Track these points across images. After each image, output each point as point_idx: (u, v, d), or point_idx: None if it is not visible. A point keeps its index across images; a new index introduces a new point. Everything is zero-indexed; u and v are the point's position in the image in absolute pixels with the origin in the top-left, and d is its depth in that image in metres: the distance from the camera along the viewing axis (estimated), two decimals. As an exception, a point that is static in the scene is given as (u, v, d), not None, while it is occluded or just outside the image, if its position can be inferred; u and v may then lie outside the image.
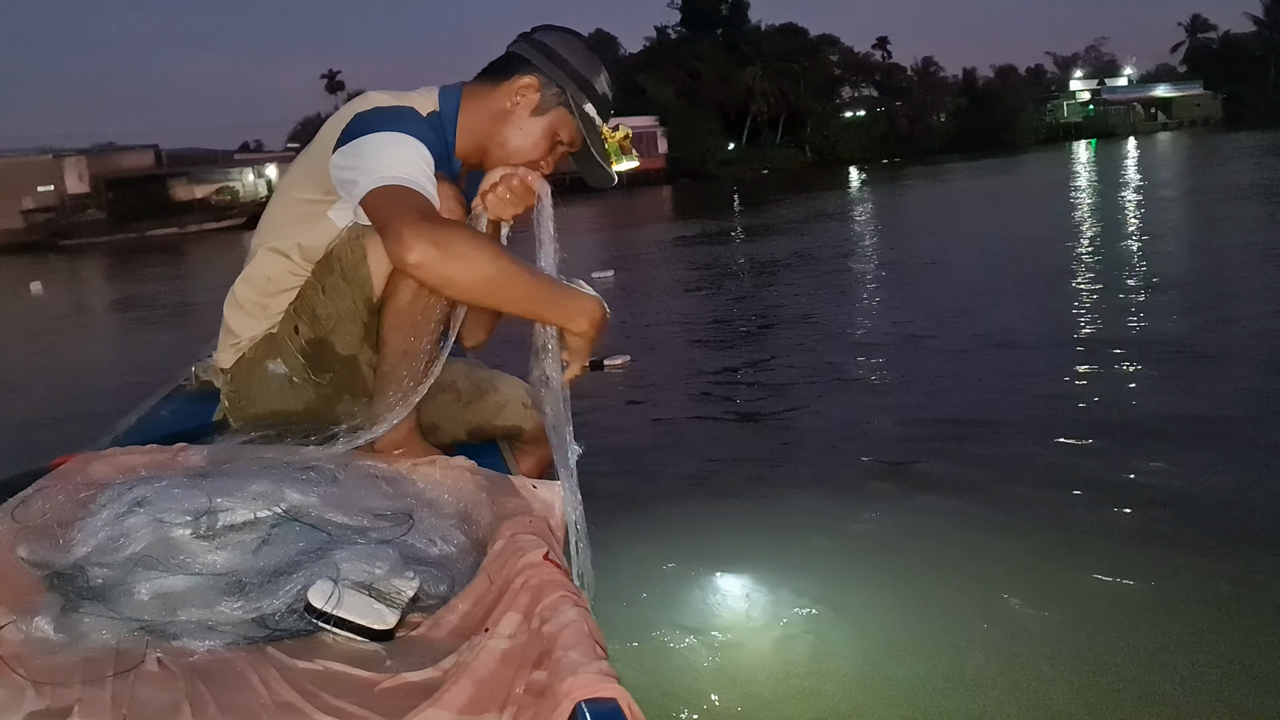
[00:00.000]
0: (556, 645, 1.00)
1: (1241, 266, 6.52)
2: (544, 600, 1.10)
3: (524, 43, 1.75)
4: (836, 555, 2.95)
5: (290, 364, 1.77)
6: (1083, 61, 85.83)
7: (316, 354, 1.74)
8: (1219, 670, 2.23)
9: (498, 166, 1.72)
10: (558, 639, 1.01)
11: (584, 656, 0.97)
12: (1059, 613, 2.50)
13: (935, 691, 2.23)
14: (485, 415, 2.00)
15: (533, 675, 1.00)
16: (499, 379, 2.02)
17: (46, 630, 1.09)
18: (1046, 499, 3.28)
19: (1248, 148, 30.48)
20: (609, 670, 0.95)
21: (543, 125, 1.72)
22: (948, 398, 4.80)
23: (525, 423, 2.00)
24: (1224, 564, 2.69)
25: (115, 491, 1.33)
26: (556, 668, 0.96)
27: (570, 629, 1.03)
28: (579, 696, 0.90)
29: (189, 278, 19.30)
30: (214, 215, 45.18)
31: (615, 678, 0.93)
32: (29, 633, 1.09)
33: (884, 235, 12.58)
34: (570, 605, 1.08)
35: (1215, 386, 4.37)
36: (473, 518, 1.39)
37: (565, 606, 1.08)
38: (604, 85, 1.74)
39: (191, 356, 2.32)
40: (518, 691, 1.00)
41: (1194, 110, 72.56)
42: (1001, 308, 6.30)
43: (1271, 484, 3.21)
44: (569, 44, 1.74)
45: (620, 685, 0.92)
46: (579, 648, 0.99)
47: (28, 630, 1.09)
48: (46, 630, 1.09)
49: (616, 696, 0.91)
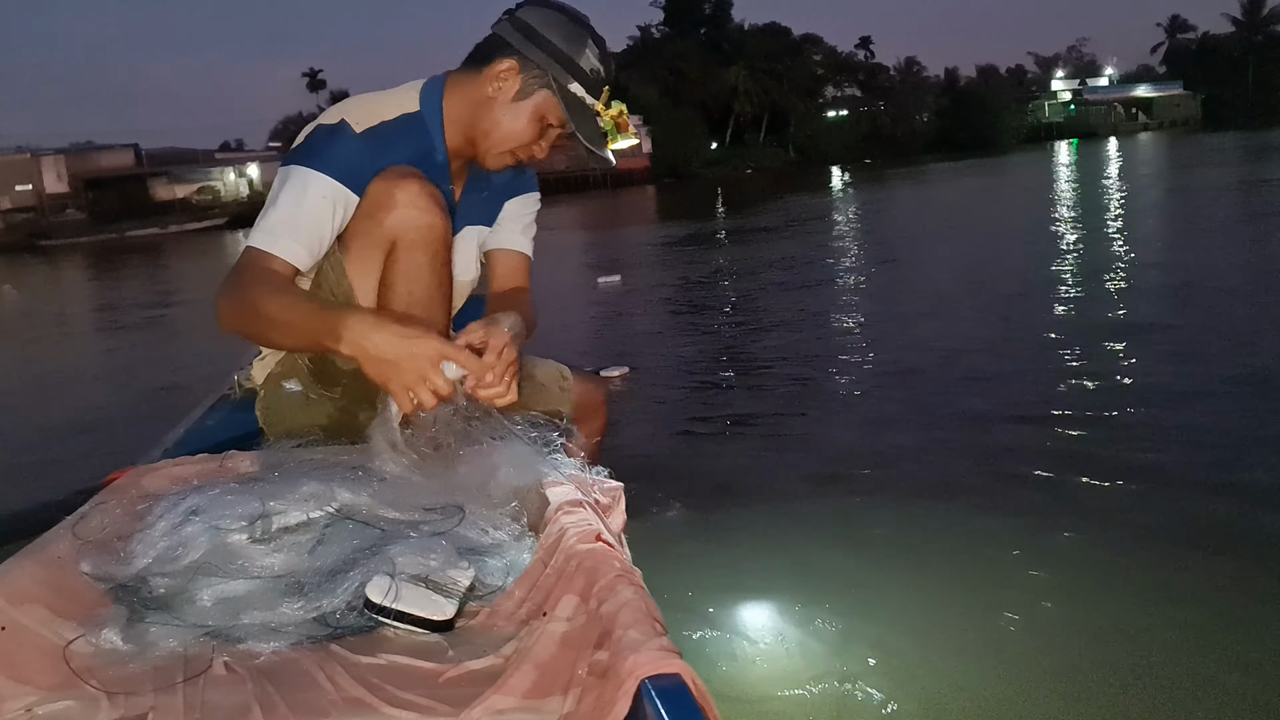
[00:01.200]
0: (616, 625, 1.00)
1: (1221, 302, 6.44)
2: (600, 581, 1.10)
3: (505, 22, 1.68)
4: (839, 563, 2.96)
5: (302, 380, 1.79)
6: (1064, 62, 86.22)
7: (321, 369, 1.75)
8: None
9: (490, 158, 1.70)
10: (616, 619, 1.01)
11: (644, 634, 0.97)
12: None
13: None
14: (524, 401, 1.89)
15: (594, 656, 1.01)
16: (535, 363, 1.98)
17: (115, 641, 1.11)
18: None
19: (1227, 148, 30.71)
20: (670, 646, 0.95)
21: (528, 110, 1.65)
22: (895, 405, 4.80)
23: (564, 405, 1.95)
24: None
25: (170, 502, 1.35)
26: (617, 647, 0.96)
27: (628, 608, 1.03)
28: (643, 674, 0.90)
29: (170, 280, 19.11)
30: (195, 215, 44.98)
31: (678, 653, 0.93)
32: (98, 645, 1.11)
33: (867, 246, 12.55)
34: (626, 584, 1.08)
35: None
36: (523, 503, 1.39)
37: (621, 586, 1.08)
38: (592, 60, 1.64)
39: (235, 365, 2.32)
40: (580, 673, 1.00)
41: (1174, 110, 73.10)
42: (1007, 343, 6.10)
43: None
44: (550, 19, 1.64)
45: (683, 660, 0.92)
46: (638, 626, 0.99)
47: (97, 643, 1.11)
48: (115, 641, 1.11)
49: (680, 671, 0.91)
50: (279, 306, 1.48)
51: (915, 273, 9.74)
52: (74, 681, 1.05)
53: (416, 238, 1.62)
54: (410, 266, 1.64)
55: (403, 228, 1.61)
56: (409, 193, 1.60)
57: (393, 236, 1.61)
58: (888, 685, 2.22)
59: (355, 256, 1.65)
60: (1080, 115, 72.33)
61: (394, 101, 1.70)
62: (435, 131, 1.70)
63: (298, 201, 1.58)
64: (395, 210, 1.60)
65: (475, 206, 1.87)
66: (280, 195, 1.60)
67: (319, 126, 1.67)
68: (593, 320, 8.67)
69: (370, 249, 1.64)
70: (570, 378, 1.99)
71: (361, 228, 1.63)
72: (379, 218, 1.61)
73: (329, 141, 1.62)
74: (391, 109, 1.68)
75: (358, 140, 1.62)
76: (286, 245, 1.58)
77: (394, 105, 1.69)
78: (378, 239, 1.62)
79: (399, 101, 1.70)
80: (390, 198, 1.60)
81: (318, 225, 1.59)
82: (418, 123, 1.69)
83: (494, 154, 1.69)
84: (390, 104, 1.69)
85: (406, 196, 1.60)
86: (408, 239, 1.62)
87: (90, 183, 46.42)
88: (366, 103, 1.69)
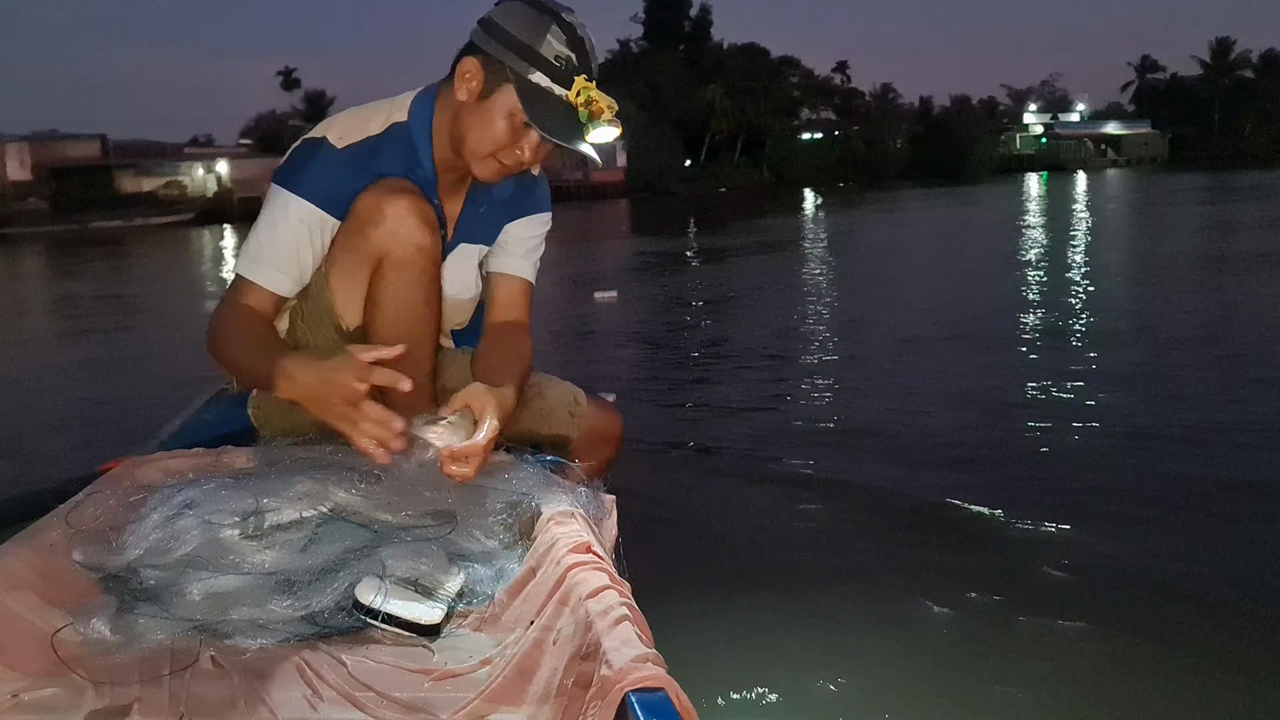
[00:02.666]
0: (603, 636, 1.00)
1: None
2: (589, 592, 1.10)
3: (476, 25, 1.60)
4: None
5: None
6: (1036, 95, 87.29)
7: None
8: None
9: (475, 166, 1.62)
10: (604, 630, 1.02)
11: (630, 647, 0.97)
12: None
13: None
14: (528, 423, 1.83)
15: (580, 666, 1.01)
16: (546, 384, 1.89)
17: (103, 631, 1.11)
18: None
19: (1193, 188, 31.21)
20: (657, 660, 0.95)
21: (493, 110, 1.54)
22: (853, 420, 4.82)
23: (572, 431, 1.88)
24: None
25: (164, 495, 1.35)
26: (604, 658, 0.97)
27: (616, 620, 1.03)
28: (627, 686, 0.91)
29: (134, 275, 18.76)
30: (161, 209, 44.28)
31: (664, 667, 0.94)
32: (86, 634, 1.11)
33: (839, 279, 12.49)
34: (615, 597, 1.09)
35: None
36: (516, 512, 1.40)
37: (610, 598, 1.08)
38: (557, 45, 1.51)
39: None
40: (566, 683, 1.01)
41: (1142, 149, 74.28)
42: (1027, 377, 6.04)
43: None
44: (513, 10, 1.54)
45: (668, 674, 0.93)
46: (625, 638, 0.99)
47: (85, 632, 1.12)
48: (103, 631, 1.11)
49: (664, 686, 0.91)
50: (234, 353, 1.55)
51: (887, 310, 9.54)
52: (61, 669, 1.05)
53: (403, 256, 1.59)
54: (397, 284, 1.61)
55: (389, 245, 1.58)
56: (398, 209, 1.57)
57: (379, 253, 1.59)
58: (875, 706, 2.23)
59: (341, 270, 1.64)
60: (1051, 149, 73.34)
61: (385, 112, 1.65)
62: (422, 143, 1.65)
63: (277, 226, 1.59)
64: (382, 226, 1.57)
65: (474, 223, 1.80)
66: (263, 218, 1.62)
67: (303, 142, 1.65)
68: (591, 339, 8.36)
69: (357, 264, 1.62)
70: (584, 403, 1.91)
71: (349, 242, 1.61)
72: (366, 233, 1.58)
73: (308, 161, 1.61)
74: (380, 121, 1.64)
75: (338, 158, 1.60)
76: (268, 274, 1.59)
77: (384, 117, 1.65)
78: (364, 254, 1.60)
79: (390, 112, 1.65)
80: (378, 213, 1.57)
81: (297, 252, 1.60)
82: (404, 134, 1.64)
83: (477, 162, 1.61)
84: (380, 115, 1.65)
85: (395, 213, 1.57)
86: (394, 256, 1.59)
87: (55, 172, 45.50)
88: (355, 116, 1.67)
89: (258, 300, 1.61)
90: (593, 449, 1.91)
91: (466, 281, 1.84)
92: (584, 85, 1.51)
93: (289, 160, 1.64)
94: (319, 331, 1.68)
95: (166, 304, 12.85)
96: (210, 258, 22.36)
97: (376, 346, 1.41)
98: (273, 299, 1.61)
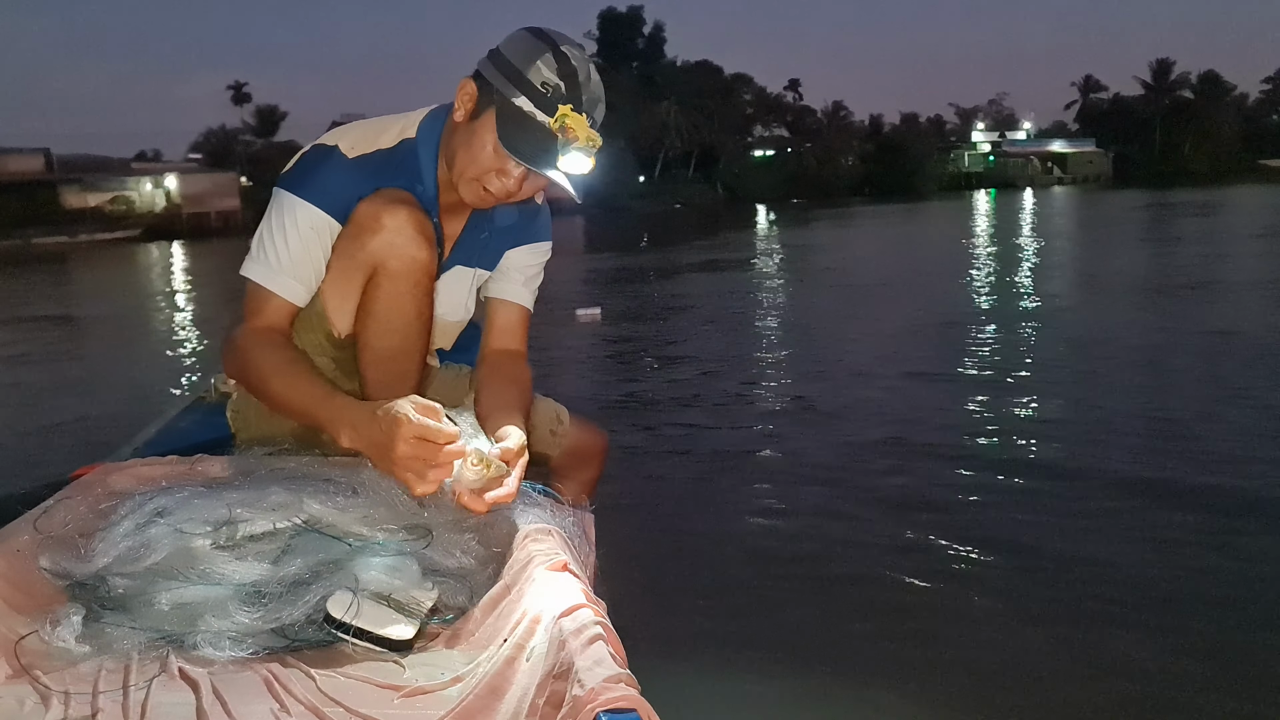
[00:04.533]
0: (576, 656, 1.00)
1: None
2: (563, 610, 1.09)
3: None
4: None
5: None
6: (984, 114, 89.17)
7: None
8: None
9: (461, 187, 1.59)
10: (577, 649, 1.01)
11: (604, 667, 0.97)
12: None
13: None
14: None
15: (553, 685, 1.00)
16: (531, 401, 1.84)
17: (68, 640, 1.10)
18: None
19: (1137, 206, 31.91)
20: (630, 680, 0.94)
21: (479, 131, 1.53)
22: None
23: (552, 450, 1.88)
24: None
25: (136, 502, 1.33)
26: (576, 678, 0.96)
27: (590, 639, 1.02)
28: (599, 707, 0.90)
29: (78, 294, 18.29)
30: (107, 225, 43.58)
31: (636, 688, 0.93)
32: (50, 642, 1.10)
33: (790, 301, 12.47)
34: (589, 615, 1.08)
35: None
36: (493, 529, 1.39)
37: (584, 616, 1.07)
38: (546, 73, 1.48)
39: (212, 369, 2.29)
40: (538, 702, 1.00)
41: (1087, 167, 76.19)
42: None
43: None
44: (515, 37, 1.54)
45: (640, 695, 0.92)
46: (599, 658, 0.99)
47: (49, 639, 1.10)
48: (68, 640, 1.10)
49: (636, 707, 0.91)
50: (279, 391, 1.49)
51: (828, 338, 9.36)
52: (23, 677, 1.04)
53: (399, 267, 1.58)
54: (390, 294, 1.60)
55: (385, 255, 1.57)
56: (396, 219, 1.56)
57: (375, 262, 1.58)
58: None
59: (335, 276, 1.62)
60: (999, 167, 75.04)
61: (398, 127, 1.65)
62: (427, 161, 1.64)
63: (289, 232, 1.57)
64: (380, 236, 1.56)
65: (473, 246, 1.79)
66: (271, 222, 1.59)
67: (314, 147, 1.64)
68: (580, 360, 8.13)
69: (352, 271, 1.61)
70: (566, 422, 1.91)
71: (345, 248, 1.60)
72: (363, 241, 1.57)
73: (318, 167, 1.60)
74: (392, 136, 1.64)
75: (348, 167, 1.59)
76: (285, 283, 1.58)
77: (397, 131, 1.64)
78: (360, 262, 1.59)
79: (403, 127, 1.65)
80: (376, 221, 1.56)
81: (311, 259, 1.59)
82: (411, 151, 1.64)
83: (463, 183, 1.58)
84: (393, 130, 1.64)
85: (394, 223, 1.56)
86: (389, 267, 1.58)
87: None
88: (369, 128, 1.66)
89: (278, 314, 1.59)
90: (576, 467, 1.90)
91: (457, 304, 1.82)
92: (566, 113, 1.48)
93: (297, 165, 1.63)
94: (309, 337, 1.66)
95: (112, 327, 12.56)
96: (159, 276, 21.96)
97: (431, 402, 1.33)
98: (291, 311, 1.60)
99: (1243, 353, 6.73)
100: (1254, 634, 2.62)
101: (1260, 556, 3.15)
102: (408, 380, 1.66)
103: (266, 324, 1.58)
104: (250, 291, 1.60)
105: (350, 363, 1.68)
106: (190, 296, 16.11)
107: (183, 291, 17.15)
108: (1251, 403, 5.21)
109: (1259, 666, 2.46)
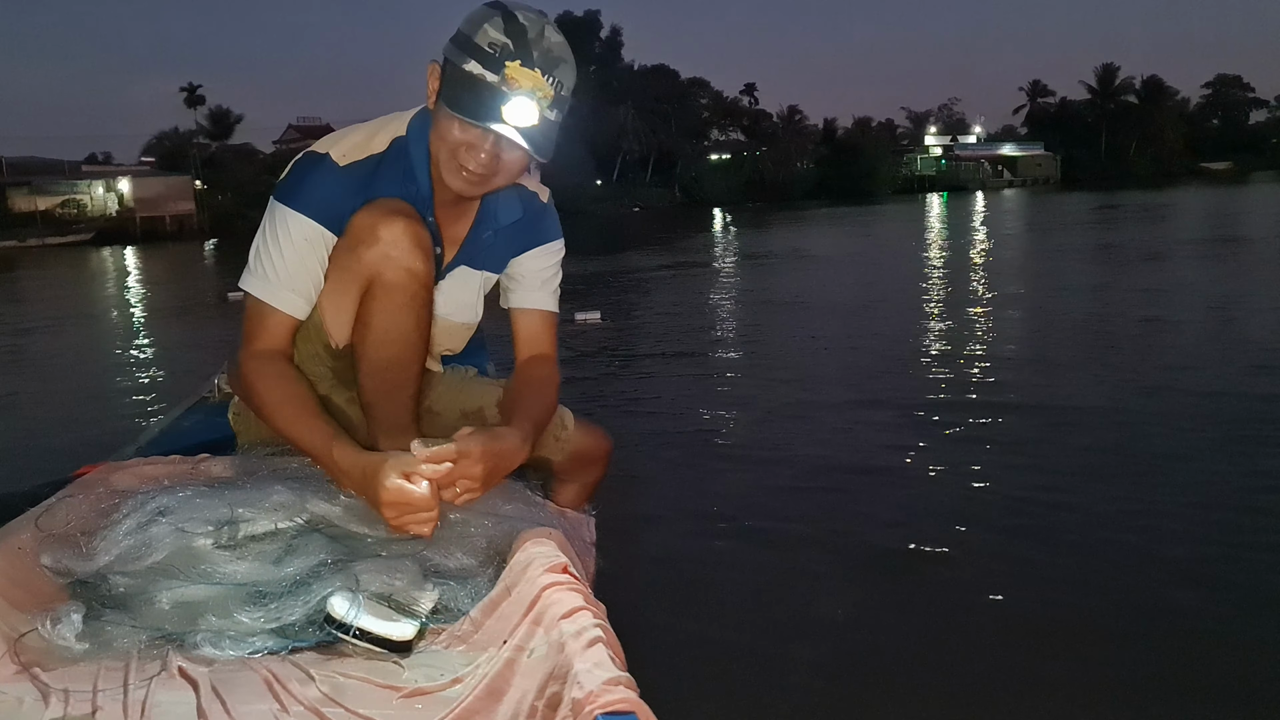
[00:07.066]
0: (575, 658, 1.00)
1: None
2: (563, 613, 1.09)
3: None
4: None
5: None
6: (935, 118, 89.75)
7: None
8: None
9: (446, 174, 1.55)
10: (577, 652, 1.01)
11: (603, 669, 0.97)
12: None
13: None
14: None
15: (552, 688, 1.00)
16: None
17: (68, 637, 1.09)
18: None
19: (1082, 208, 32.15)
20: (629, 683, 0.95)
21: (441, 108, 1.47)
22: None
23: (555, 455, 1.84)
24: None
25: (138, 501, 1.33)
26: (575, 680, 0.96)
27: (589, 642, 1.03)
28: (598, 709, 0.90)
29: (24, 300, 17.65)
30: (58, 229, 42.62)
31: (635, 691, 0.93)
32: (51, 639, 1.09)
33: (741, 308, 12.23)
34: (589, 618, 1.08)
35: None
36: (493, 531, 1.38)
37: (584, 619, 1.07)
38: (494, 34, 1.41)
39: (213, 369, 2.28)
40: (537, 704, 1.00)
41: (1036, 169, 76.94)
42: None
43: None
44: (471, 12, 1.48)
45: (639, 698, 0.92)
46: (598, 660, 0.99)
47: (50, 637, 1.09)
48: (68, 637, 1.09)
49: (635, 709, 0.91)
50: (282, 424, 1.49)
51: (782, 340, 9.22)
52: (23, 674, 1.03)
53: (395, 279, 1.57)
54: (387, 306, 1.59)
55: (382, 267, 1.56)
56: (393, 232, 1.55)
57: (371, 274, 1.57)
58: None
59: (332, 288, 1.61)
60: (951, 170, 75.56)
61: (390, 128, 1.61)
62: (419, 159, 1.60)
63: (284, 245, 1.57)
64: (376, 248, 1.55)
65: (478, 248, 1.75)
66: (266, 234, 1.59)
67: (305, 155, 1.63)
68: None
69: (348, 283, 1.60)
70: (571, 426, 1.88)
71: (342, 260, 1.59)
72: (359, 253, 1.56)
73: (309, 178, 1.59)
74: (384, 138, 1.60)
75: (339, 175, 1.57)
76: (284, 296, 1.58)
77: (389, 133, 1.61)
78: (356, 274, 1.58)
79: (395, 128, 1.61)
80: (373, 234, 1.55)
81: (308, 270, 1.59)
82: (403, 150, 1.60)
83: (446, 171, 1.53)
84: (385, 132, 1.61)
85: (390, 235, 1.55)
86: (386, 279, 1.57)
87: (-59, 190, 43.48)
88: (360, 133, 1.64)
89: (279, 330, 1.58)
90: (580, 470, 1.90)
91: (462, 305, 1.80)
92: (514, 68, 1.42)
93: (289, 175, 1.62)
94: (306, 348, 1.66)
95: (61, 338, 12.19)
96: (113, 282, 21.46)
97: (436, 453, 1.32)
98: (291, 325, 1.60)
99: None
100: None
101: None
102: (405, 390, 1.66)
103: (268, 346, 1.57)
104: (250, 306, 1.59)
105: (348, 372, 1.67)
106: (145, 302, 15.76)
107: (136, 299, 16.78)
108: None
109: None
